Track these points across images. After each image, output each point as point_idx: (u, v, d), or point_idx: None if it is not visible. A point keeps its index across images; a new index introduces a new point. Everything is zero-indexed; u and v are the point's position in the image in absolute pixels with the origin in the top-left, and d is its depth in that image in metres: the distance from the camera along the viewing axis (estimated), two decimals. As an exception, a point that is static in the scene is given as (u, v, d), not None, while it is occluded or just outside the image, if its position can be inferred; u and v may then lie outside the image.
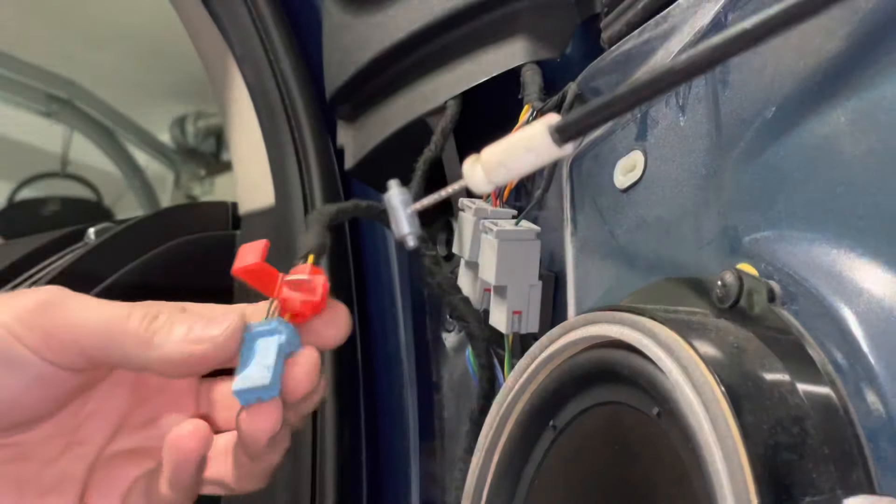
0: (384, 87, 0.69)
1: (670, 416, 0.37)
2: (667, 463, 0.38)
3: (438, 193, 0.37)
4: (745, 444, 0.33)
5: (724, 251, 0.44)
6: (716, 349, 0.37)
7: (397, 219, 0.34)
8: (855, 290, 0.37)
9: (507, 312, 0.56)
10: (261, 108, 0.90)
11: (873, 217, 0.37)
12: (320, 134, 0.88)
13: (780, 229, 0.41)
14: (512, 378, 0.46)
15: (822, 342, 0.38)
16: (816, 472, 0.34)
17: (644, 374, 0.39)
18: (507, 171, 0.36)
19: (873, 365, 0.36)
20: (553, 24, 0.60)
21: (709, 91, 0.46)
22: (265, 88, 0.90)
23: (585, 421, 0.43)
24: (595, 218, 0.54)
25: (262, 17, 0.90)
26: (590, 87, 0.55)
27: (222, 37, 0.92)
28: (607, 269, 0.53)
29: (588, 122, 0.35)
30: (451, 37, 0.64)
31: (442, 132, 0.63)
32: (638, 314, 0.39)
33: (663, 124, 0.49)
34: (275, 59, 0.89)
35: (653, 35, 0.50)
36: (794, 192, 0.40)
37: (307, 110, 0.88)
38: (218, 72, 0.96)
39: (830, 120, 0.39)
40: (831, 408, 0.36)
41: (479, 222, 0.57)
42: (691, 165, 0.47)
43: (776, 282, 0.40)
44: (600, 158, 0.54)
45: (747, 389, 0.35)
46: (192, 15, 0.95)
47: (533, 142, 0.36)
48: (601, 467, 0.42)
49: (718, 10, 0.45)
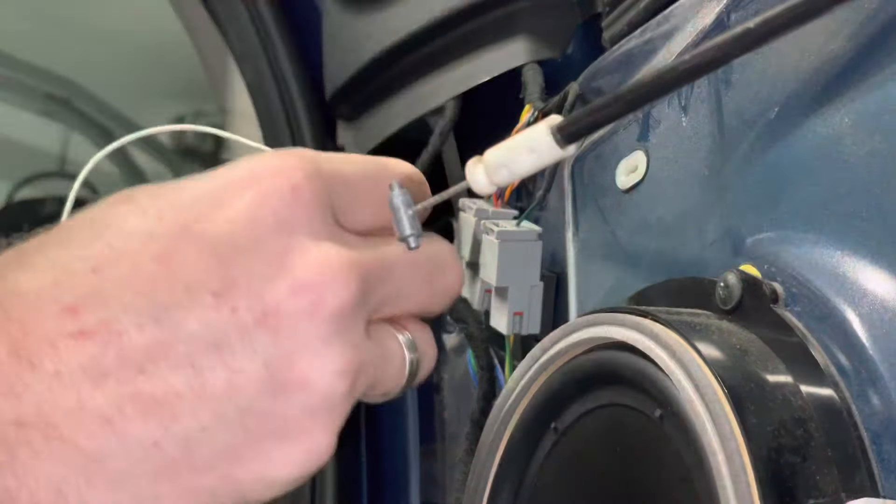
0: (384, 86, 0.69)
1: (673, 419, 0.37)
2: (669, 465, 0.38)
3: (440, 194, 0.37)
4: (748, 447, 0.33)
5: (726, 252, 0.44)
6: (718, 351, 0.37)
7: (399, 220, 0.34)
8: (858, 291, 0.37)
9: (509, 313, 0.56)
10: (261, 108, 0.90)
11: (877, 218, 0.37)
12: (320, 134, 0.88)
13: (783, 230, 0.41)
14: (513, 380, 0.46)
15: (825, 344, 0.38)
16: (820, 475, 0.34)
17: (646, 375, 0.39)
18: (510, 172, 0.36)
19: (877, 367, 0.36)
20: (554, 23, 0.60)
21: (711, 91, 0.46)
22: (265, 88, 0.90)
23: (587, 423, 0.43)
24: (597, 218, 0.54)
25: (262, 17, 0.90)
26: (591, 87, 0.55)
27: (222, 37, 0.92)
28: (609, 270, 0.53)
29: (590, 123, 0.35)
30: (452, 36, 0.63)
31: (440, 133, 0.63)
32: (640, 316, 0.39)
33: (666, 125, 0.49)
34: (275, 59, 0.89)
35: (654, 35, 0.50)
36: (797, 193, 0.40)
37: (307, 110, 0.88)
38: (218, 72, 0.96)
39: (834, 121, 0.39)
40: (834, 410, 0.36)
41: (479, 223, 0.57)
42: (694, 166, 0.47)
43: (779, 283, 0.40)
44: (602, 159, 0.54)
45: (750, 391, 0.35)
46: (191, 15, 0.95)
47: (535, 142, 0.36)
48: (603, 469, 0.42)
49: (721, 10, 0.45)
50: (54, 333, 0.28)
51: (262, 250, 0.30)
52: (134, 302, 0.28)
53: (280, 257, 0.30)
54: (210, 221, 0.30)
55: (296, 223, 0.31)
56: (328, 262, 0.30)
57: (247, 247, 0.30)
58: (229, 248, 0.30)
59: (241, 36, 0.91)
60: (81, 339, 0.28)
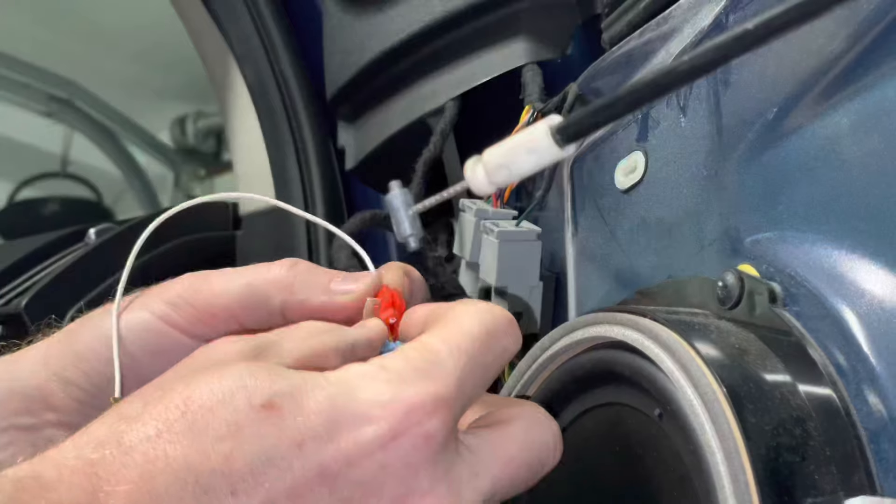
0: (385, 87, 0.69)
1: (671, 418, 0.37)
2: (668, 464, 0.38)
3: (440, 195, 0.37)
4: (746, 446, 0.33)
5: (725, 252, 0.44)
6: (717, 350, 0.37)
7: (399, 220, 0.34)
8: (856, 291, 0.37)
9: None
10: (261, 108, 0.90)
11: (875, 218, 0.37)
12: (320, 134, 0.88)
13: (781, 230, 0.41)
14: (513, 379, 0.46)
15: (823, 343, 0.38)
16: (818, 474, 0.34)
17: (645, 375, 0.39)
18: (509, 173, 0.36)
19: (875, 366, 0.36)
20: (554, 24, 0.60)
21: (710, 92, 0.46)
22: (265, 88, 0.90)
23: (586, 422, 0.43)
24: (596, 219, 0.54)
25: (262, 17, 0.90)
26: (591, 87, 0.55)
27: (222, 37, 0.92)
28: (608, 270, 0.53)
29: (590, 123, 0.35)
30: (452, 37, 0.64)
31: (440, 133, 0.63)
32: (639, 315, 0.39)
33: (664, 125, 0.49)
34: (275, 59, 0.89)
35: (654, 36, 0.50)
36: (796, 193, 0.40)
37: (307, 110, 0.88)
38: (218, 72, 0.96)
39: (832, 121, 0.39)
40: (833, 409, 0.36)
41: (479, 223, 0.57)
42: (692, 166, 0.47)
43: (777, 283, 0.40)
44: (601, 159, 0.54)
45: (749, 391, 0.35)
46: (192, 15, 0.95)
47: (534, 143, 0.36)
48: (602, 468, 0.42)
49: (719, 11, 0.45)
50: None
51: (386, 494, 0.32)
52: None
53: (400, 502, 0.33)
54: (345, 462, 0.32)
55: (420, 469, 0.33)
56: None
57: (373, 492, 0.32)
58: (358, 493, 0.32)
59: (242, 36, 0.91)
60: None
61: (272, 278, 0.41)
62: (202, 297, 0.41)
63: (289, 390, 0.32)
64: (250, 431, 0.31)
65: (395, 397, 0.33)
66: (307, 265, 0.42)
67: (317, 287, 0.41)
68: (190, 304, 0.41)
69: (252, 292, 0.41)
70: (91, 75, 2.57)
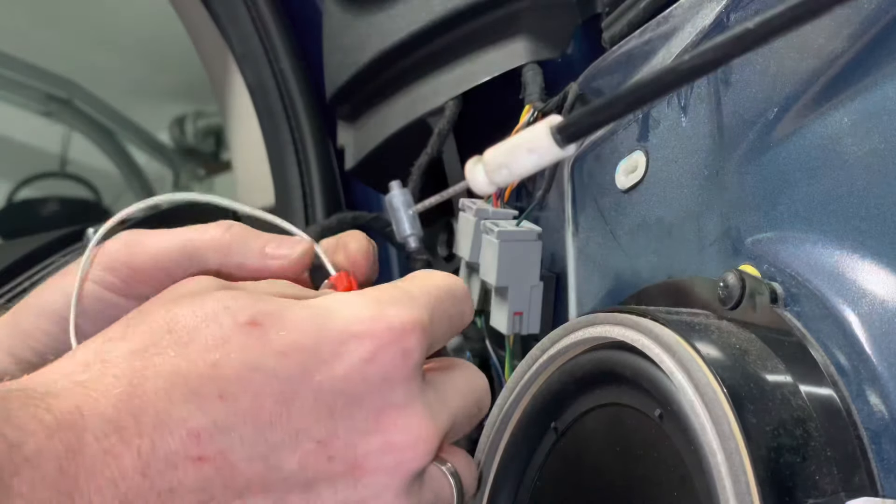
0: (385, 87, 0.69)
1: (672, 418, 0.37)
2: (669, 465, 0.38)
3: (440, 194, 0.37)
4: (747, 446, 0.33)
5: (726, 252, 0.44)
6: (718, 351, 0.37)
7: (399, 220, 0.34)
8: (858, 291, 0.37)
9: (508, 313, 0.56)
10: (261, 108, 0.90)
11: (876, 218, 0.37)
12: (320, 134, 0.88)
13: (782, 230, 0.41)
14: (513, 379, 0.46)
15: (824, 344, 0.38)
16: (819, 474, 0.34)
17: (646, 375, 0.39)
18: (509, 172, 0.36)
19: (876, 366, 0.36)
20: (554, 24, 0.60)
21: (711, 91, 0.46)
22: (265, 88, 0.90)
23: (587, 423, 0.43)
24: (596, 219, 0.54)
25: (262, 17, 0.90)
26: (591, 87, 0.55)
27: (222, 37, 0.92)
28: (609, 270, 0.53)
29: (590, 123, 0.35)
30: (452, 37, 0.63)
31: (440, 133, 0.63)
32: (640, 315, 0.39)
33: (665, 125, 0.49)
34: (275, 59, 0.89)
35: (654, 35, 0.50)
36: (797, 193, 0.40)
37: (307, 110, 0.88)
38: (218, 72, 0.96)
39: (833, 121, 0.39)
40: (834, 409, 0.36)
41: (479, 223, 0.57)
42: (693, 166, 0.47)
43: (778, 283, 0.40)
44: (602, 159, 0.54)
45: (750, 391, 0.35)
46: (192, 15, 0.95)
47: (535, 143, 0.36)
48: (603, 469, 0.42)
49: (720, 10, 0.45)
50: (177, 456, 0.31)
51: (366, 406, 0.34)
52: (250, 437, 0.32)
53: (378, 413, 0.34)
54: (329, 372, 0.33)
55: (397, 384, 0.34)
56: (419, 430, 0.35)
57: (354, 402, 0.34)
58: (340, 401, 0.33)
59: (242, 36, 0.91)
60: (199, 463, 0.31)
61: (208, 239, 0.41)
62: (138, 258, 0.41)
63: (271, 309, 0.34)
64: (236, 343, 0.32)
65: (376, 315, 0.34)
66: (242, 227, 0.42)
67: (252, 251, 0.41)
68: (126, 264, 0.41)
69: (189, 253, 0.41)
70: (90, 75, 2.57)
